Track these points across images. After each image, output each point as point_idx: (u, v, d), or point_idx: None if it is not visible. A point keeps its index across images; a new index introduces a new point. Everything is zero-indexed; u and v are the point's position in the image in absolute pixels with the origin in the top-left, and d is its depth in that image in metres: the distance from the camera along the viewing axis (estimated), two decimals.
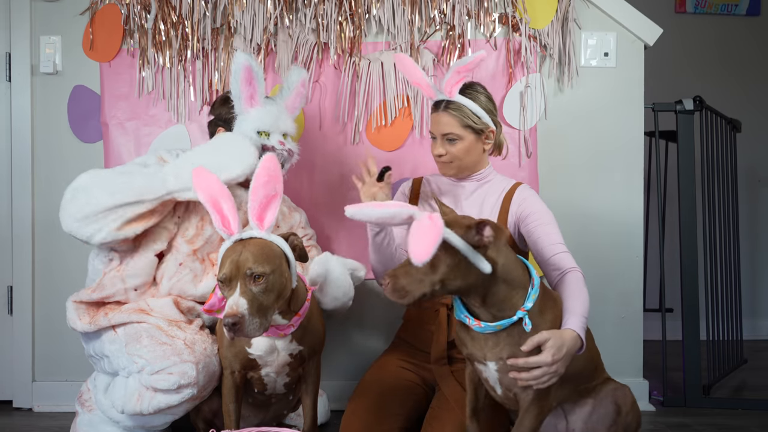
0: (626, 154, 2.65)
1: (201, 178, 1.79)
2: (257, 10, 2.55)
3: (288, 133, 2.21)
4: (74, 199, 2.00)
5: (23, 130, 2.61)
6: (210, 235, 2.14)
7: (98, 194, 1.98)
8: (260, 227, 1.77)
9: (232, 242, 1.74)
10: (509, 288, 1.67)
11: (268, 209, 1.78)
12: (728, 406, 2.68)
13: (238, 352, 1.91)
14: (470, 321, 1.71)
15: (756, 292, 4.09)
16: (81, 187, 2.00)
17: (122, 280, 2.09)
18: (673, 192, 3.59)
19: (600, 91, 2.63)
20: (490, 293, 1.66)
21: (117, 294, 2.09)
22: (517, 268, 1.70)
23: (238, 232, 1.75)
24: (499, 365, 1.71)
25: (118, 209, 1.98)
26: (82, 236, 1.99)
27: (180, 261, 2.11)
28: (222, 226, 1.76)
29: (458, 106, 2.03)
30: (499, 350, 1.69)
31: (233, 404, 1.94)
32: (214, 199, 1.77)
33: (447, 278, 1.60)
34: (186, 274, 2.11)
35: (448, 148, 2.07)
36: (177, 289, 2.10)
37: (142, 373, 1.93)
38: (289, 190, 2.56)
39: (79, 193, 2.00)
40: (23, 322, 2.63)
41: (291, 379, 2.01)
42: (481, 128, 2.06)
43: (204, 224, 2.14)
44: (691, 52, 4.04)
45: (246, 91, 2.12)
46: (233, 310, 1.63)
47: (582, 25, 2.61)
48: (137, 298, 2.10)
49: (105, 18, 2.57)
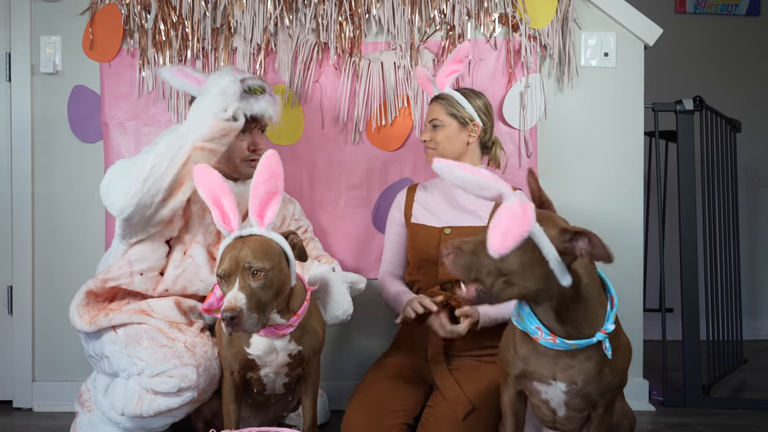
0: (626, 154, 2.65)
1: (202, 175, 1.79)
2: (257, 10, 2.55)
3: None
4: (108, 188, 1.99)
5: (23, 130, 2.61)
6: (209, 223, 2.16)
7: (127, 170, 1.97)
8: (260, 224, 1.77)
9: (232, 239, 1.75)
10: (587, 306, 1.51)
11: (268, 206, 1.79)
12: (728, 406, 2.68)
13: (237, 353, 1.91)
14: (542, 334, 1.54)
15: (756, 292, 4.09)
16: (110, 176, 2.00)
17: (129, 263, 2.08)
18: (673, 192, 3.59)
19: (600, 91, 2.63)
20: (566, 309, 1.50)
21: (122, 277, 2.08)
22: (598, 285, 1.54)
23: (238, 228, 1.75)
24: (570, 388, 1.57)
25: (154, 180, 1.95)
26: (134, 215, 1.96)
27: (185, 250, 2.13)
28: (222, 223, 1.76)
29: (446, 96, 2.22)
30: (574, 373, 1.55)
31: (233, 404, 1.94)
32: (215, 195, 1.77)
33: (514, 276, 1.42)
34: (190, 264, 2.11)
35: (432, 134, 2.21)
36: (183, 278, 2.10)
37: (142, 376, 1.93)
38: (289, 190, 2.56)
39: (112, 181, 1.99)
40: (23, 322, 2.63)
41: (290, 380, 2.01)
42: (464, 118, 2.19)
43: (204, 212, 2.16)
44: (691, 52, 4.04)
45: (191, 83, 2.11)
46: (231, 304, 1.64)
47: (582, 25, 2.61)
48: (143, 285, 2.09)
49: (105, 18, 2.57)
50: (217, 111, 2.00)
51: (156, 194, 1.96)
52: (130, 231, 2.05)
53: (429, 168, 2.57)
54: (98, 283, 2.10)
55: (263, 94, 2.14)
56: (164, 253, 2.12)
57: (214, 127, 1.99)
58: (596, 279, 1.52)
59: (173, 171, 1.97)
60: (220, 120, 2.00)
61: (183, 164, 1.98)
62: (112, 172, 2.03)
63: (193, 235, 2.15)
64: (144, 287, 2.09)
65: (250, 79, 2.13)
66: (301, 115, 2.59)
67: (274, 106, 2.17)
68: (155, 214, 2.00)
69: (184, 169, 1.98)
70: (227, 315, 1.62)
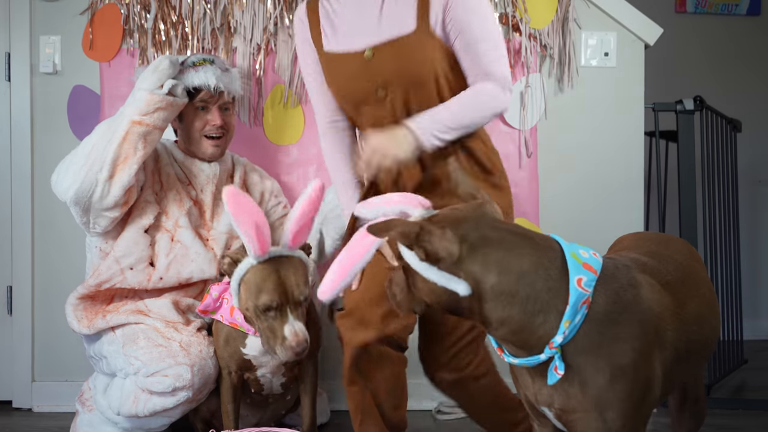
0: (626, 154, 2.64)
1: (238, 203, 1.65)
2: (257, 10, 2.55)
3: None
4: (58, 175, 2.09)
5: (23, 130, 2.61)
6: (189, 207, 2.17)
7: (74, 153, 2.08)
8: (292, 246, 1.79)
9: (264, 261, 1.73)
10: (523, 312, 1.15)
11: (304, 232, 1.79)
12: (728, 406, 2.68)
13: (233, 353, 1.91)
14: (501, 350, 1.27)
15: (756, 293, 4.09)
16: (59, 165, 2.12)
17: (116, 261, 2.08)
18: (673, 192, 3.58)
19: (600, 91, 2.63)
20: (489, 321, 1.17)
21: (114, 277, 2.08)
22: (531, 280, 1.15)
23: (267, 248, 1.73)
24: (555, 413, 1.22)
25: (96, 155, 2.01)
26: (83, 195, 2.01)
27: (171, 236, 2.13)
28: (260, 252, 1.71)
29: None
30: (549, 395, 1.21)
31: (231, 404, 1.94)
32: (257, 224, 1.68)
33: (427, 298, 1.19)
34: (180, 248, 2.11)
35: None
36: (175, 264, 2.10)
37: (138, 375, 1.93)
38: (289, 190, 2.56)
39: (60, 165, 2.11)
40: (23, 322, 2.63)
41: (287, 379, 2.01)
42: None
43: (181, 198, 2.17)
44: (691, 52, 4.03)
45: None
46: (301, 338, 1.69)
47: (582, 25, 2.61)
48: (135, 279, 2.08)
49: (105, 18, 2.57)
50: (152, 87, 2.03)
51: (100, 170, 2.00)
52: (87, 219, 2.07)
53: None
54: (92, 288, 2.10)
55: (205, 65, 2.15)
56: (147, 243, 2.11)
57: (148, 101, 2.02)
58: (517, 272, 1.15)
59: (113, 146, 2.01)
60: (154, 93, 2.02)
61: (123, 138, 2.01)
62: (60, 164, 2.11)
63: (176, 221, 2.14)
64: (137, 280, 2.08)
65: (195, 55, 2.20)
66: (301, 115, 2.59)
67: (225, 78, 2.18)
68: (106, 195, 2.01)
69: (125, 143, 2.02)
70: (301, 350, 1.67)
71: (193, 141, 2.20)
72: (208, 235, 2.20)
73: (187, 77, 2.13)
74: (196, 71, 2.13)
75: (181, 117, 2.19)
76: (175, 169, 2.22)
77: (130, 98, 2.07)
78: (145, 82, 2.05)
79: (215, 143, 2.20)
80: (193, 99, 2.15)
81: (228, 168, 2.30)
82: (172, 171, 2.21)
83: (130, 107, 2.04)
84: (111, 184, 2.00)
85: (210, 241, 2.19)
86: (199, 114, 2.17)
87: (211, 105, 2.18)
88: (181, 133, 2.24)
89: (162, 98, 2.03)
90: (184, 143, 2.24)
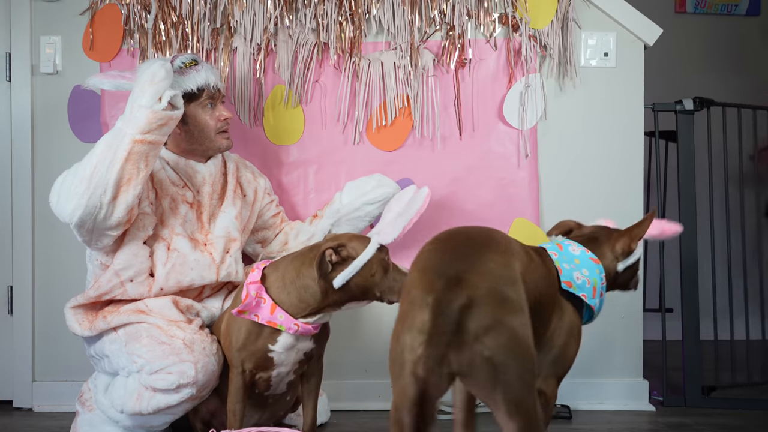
0: (626, 154, 2.65)
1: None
2: (257, 10, 2.55)
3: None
4: (59, 197, 1.98)
5: (23, 130, 2.61)
6: (185, 213, 2.15)
7: (74, 174, 1.97)
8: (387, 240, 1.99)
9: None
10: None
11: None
12: (728, 406, 2.68)
13: (256, 351, 1.90)
14: None
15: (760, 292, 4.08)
16: (57, 186, 2.01)
17: (116, 274, 2.07)
18: (673, 192, 3.58)
19: (600, 91, 2.63)
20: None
21: (114, 289, 2.08)
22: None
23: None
24: None
25: (99, 177, 1.93)
26: (87, 218, 1.93)
27: (167, 244, 2.11)
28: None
29: None
30: None
31: (239, 404, 1.94)
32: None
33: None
34: (177, 257, 2.10)
35: None
36: (174, 273, 2.09)
37: (141, 373, 1.93)
38: (289, 190, 2.57)
39: (60, 188, 1.99)
40: (23, 322, 2.63)
41: (294, 378, 2.02)
42: None
43: (177, 204, 2.15)
44: (691, 52, 4.04)
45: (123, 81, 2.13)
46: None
47: (582, 25, 2.61)
48: (136, 291, 2.08)
49: (105, 18, 2.57)
50: (151, 102, 1.96)
51: (104, 193, 1.93)
52: (90, 238, 2.02)
53: (429, 168, 2.57)
54: (92, 299, 2.10)
55: (197, 65, 2.15)
56: (147, 254, 2.10)
57: (150, 119, 1.95)
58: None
59: (116, 168, 1.93)
60: (155, 111, 1.95)
61: (125, 159, 1.94)
62: (58, 184, 2.01)
63: (171, 229, 2.13)
64: (138, 292, 2.08)
65: (179, 57, 2.15)
66: (301, 115, 2.59)
67: (214, 72, 2.20)
68: (110, 216, 1.96)
69: (127, 164, 1.94)
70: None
71: (207, 139, 2.19)
72: (206, 240, 2.18)
73: (186, 81, 2.11)
74: (197, 72, 2.13)
75: (185, 120, 2.14)
76: (168, 173, 2.18)
77: (129, 113, 1.97)
78: (143, 97, 1.96)
79: (226, 135, 2.23)
80: (195, 99, 2.14)
81: (220, 165, 2.30)
82: (165, 175, 2.17)
83: (130, 125, 1.96)
84: (115, 206, 1.95)
85: (207, 245, 2.18)
86: (209, 111, 2.17)
87: (217, 101, 2.20)
88: (186, 135, 2.18)
89: (163, 115, 1.96)
90: (190, 144, 2.20)
